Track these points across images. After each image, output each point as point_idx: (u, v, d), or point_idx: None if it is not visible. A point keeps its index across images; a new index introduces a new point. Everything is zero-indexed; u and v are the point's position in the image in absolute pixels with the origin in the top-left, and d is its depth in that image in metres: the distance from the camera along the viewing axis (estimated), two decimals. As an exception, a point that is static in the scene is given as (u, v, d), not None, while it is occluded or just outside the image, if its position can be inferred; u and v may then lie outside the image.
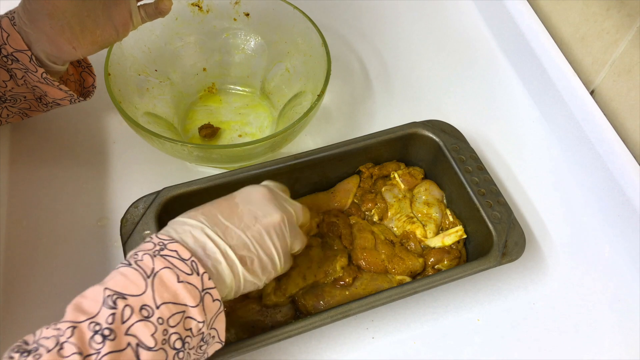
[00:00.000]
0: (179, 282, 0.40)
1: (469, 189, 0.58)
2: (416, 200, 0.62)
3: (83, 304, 0.38)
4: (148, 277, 0.39)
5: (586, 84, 0.70)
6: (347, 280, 0.55)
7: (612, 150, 0.64)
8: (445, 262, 0.58)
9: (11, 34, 0.51)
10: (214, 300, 0.41)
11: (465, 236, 0.60)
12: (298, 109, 0.66)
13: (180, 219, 0.45)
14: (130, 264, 0.40)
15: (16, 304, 0.55)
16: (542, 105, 0.75)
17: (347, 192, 0.62)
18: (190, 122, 0.71)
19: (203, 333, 0.41)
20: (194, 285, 0.40)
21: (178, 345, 0.39)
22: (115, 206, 0.63)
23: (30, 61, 0.52)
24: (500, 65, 0.81)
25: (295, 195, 0.59)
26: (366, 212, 0.62)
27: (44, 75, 0.53)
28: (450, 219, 0.61)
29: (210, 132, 0.68)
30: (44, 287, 0.57)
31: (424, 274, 0.58)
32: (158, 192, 0.55)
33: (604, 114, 0.66)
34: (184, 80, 0.72)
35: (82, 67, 0.62)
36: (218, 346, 0.44)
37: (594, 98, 0.68)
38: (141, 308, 0.38)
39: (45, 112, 0.62)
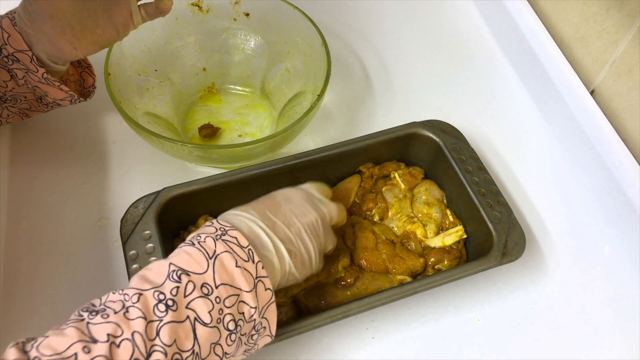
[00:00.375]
0: (236, 266, 0.42)
1: (469, 189, 0.58)
2: (416, 200, 0.62)
3: (148, 276, 0.40)
4: (210, 258, 0.41)
5: (586, 84, 0.70)
6: (348, 280, 0.55)
7: (612, 150, 0.64)
8: (446, 262, 0.58)
9: (12, 34, 0.52)
10: (265, 289, 0.43)
11: (465, 236, 0.60)
12: (298, 109, 0.66)
13: (232, 211, 0.47)
14: (194, 244, 0.42)
15: (16, 304, 0.55)
16: (542, 105, 0.75)
17: (348, 190, 0.62)
18: (190, 122, 0.71)
19: (255, 320, 0.42)
20: (249, 272, 0.42)
21: (231, 326, 0.41)
22: (115, 206, 0.63)
23: (31, 61, 0.52)
24: (500, 65, 0.81)
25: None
26: (367, 212, 0.62)
27: (45, 75, 0.53)
28: (451, 219, 0.61)
29: (210, 132, 0.68)
30: (44, 287, 0.57)
31: (424, 274, 0.58)
32: (158, 192, 0.55)
33: (604, 114, 0.66)
34: (184, 80, 0.72)
35: (82, 67, 0.62)
36: (268, 339, 0.45)
37: (594, 98, 0.68)
38: (202, 285, 0.40)
39: (45, 112, 0.62)
